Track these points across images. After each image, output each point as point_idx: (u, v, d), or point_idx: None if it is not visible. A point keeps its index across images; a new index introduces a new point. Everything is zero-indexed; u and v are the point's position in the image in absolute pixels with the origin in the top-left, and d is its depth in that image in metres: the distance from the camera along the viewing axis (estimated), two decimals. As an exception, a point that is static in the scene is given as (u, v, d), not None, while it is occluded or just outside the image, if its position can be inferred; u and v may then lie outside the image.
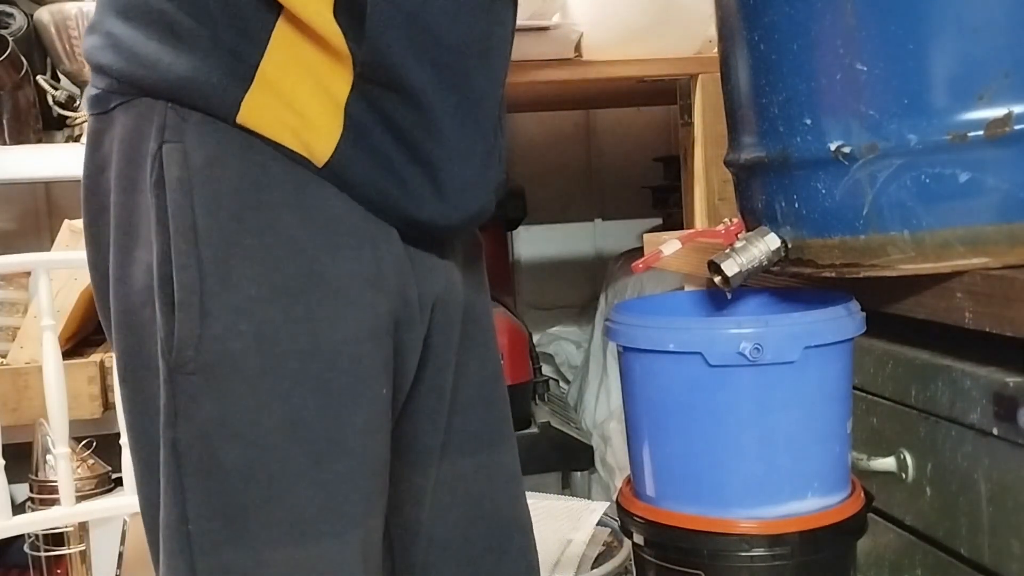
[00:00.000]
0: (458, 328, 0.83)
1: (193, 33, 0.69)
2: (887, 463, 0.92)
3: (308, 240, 0.71)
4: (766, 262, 0.91)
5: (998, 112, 0.79)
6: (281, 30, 0.70)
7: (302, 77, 0.70)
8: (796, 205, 0.88)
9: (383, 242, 0.75)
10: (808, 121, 0.85)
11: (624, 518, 0.89)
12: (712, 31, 1.00)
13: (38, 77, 1.74)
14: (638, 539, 0.88)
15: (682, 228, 1.86)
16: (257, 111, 0.70)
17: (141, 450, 0.75)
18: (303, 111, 0.71)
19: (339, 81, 0.71)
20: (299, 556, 0.71)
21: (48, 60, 1.80)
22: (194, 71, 0.69)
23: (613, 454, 2.03)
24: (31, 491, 1.59)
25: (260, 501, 0.71)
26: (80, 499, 1.26)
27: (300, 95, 0.70)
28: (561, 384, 2.52)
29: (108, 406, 1.52)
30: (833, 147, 0.84)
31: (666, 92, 1.84)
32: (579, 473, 2.13)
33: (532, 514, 0.93)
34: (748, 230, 0.94)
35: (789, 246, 0.91)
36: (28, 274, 1.60)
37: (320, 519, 0.72)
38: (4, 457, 1.18)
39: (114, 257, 0.74)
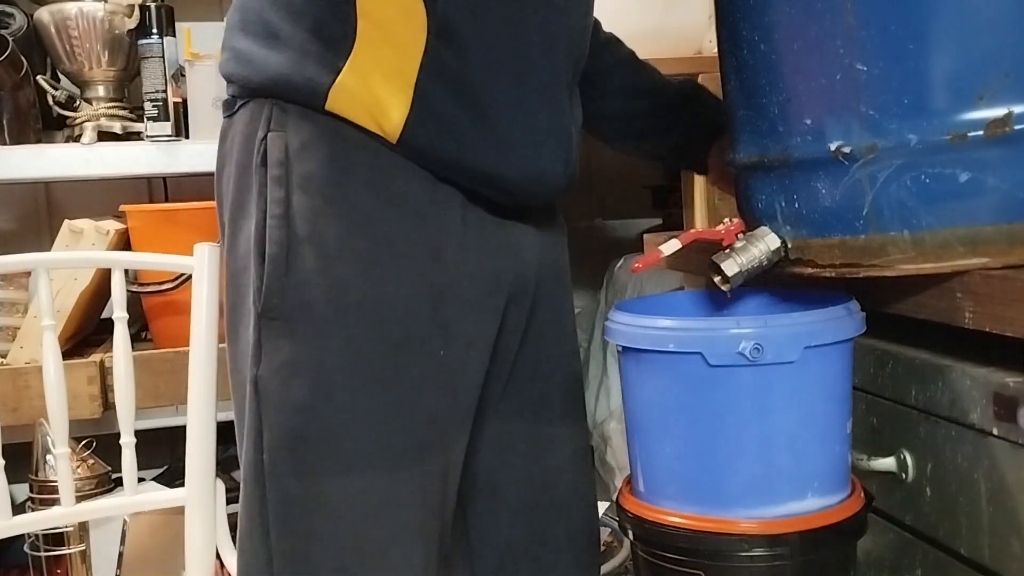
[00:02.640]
0: (529, 300, 0.92)
1: (291, 35, 0.82)
2: (887, 463, 0.92)
3: (380, 214, 0.82)
4: (766, 262, 0.91)
5: (998, 112, 0.79)
6: (363, 22, 0.80)
7: (380, 61, 0.81)
8: (796, 205, 0.88)
9: (453, 221, 0.85)
10: (808, 121, 0.85)
11: (624, 518, 0.89)
12: (712, 31, 1.00)
13: (38, 77, 1.73)
14: (637, 539, 0.88)
15: (682, 228, 1.86)
16: (341, 98, 0.82)
17: (238, 395, 0.87)
18: (377, 93, 0.81)
19: (412, 56, 0.81)
20: (355, 485, 0.81)
21: (48, 60, 1.80)
22: (291, 67, 0.82)
23: (613, 454, 2.03)
24: (31, 491, 1.59)
25: (323, 434, 0.80)
26: (80, 499, 1.26)
27: (377, 80, 0.81)
28: (561, 384, 2.51)
29: (108, 406, 1.51)
30: (833, 147, 0.84)
31: (666, 92, 1.83)
32: (579, 473, 2.13)
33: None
34: (748, 230, 0.94)
35: (789, 246, 0.90)
36: (28, 274, 1.59)
37: (376, 453, 0.81)
38: (4, 457, 1.18)
39: (227, 229, 0.88)
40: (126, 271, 1.30)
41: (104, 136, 1.71)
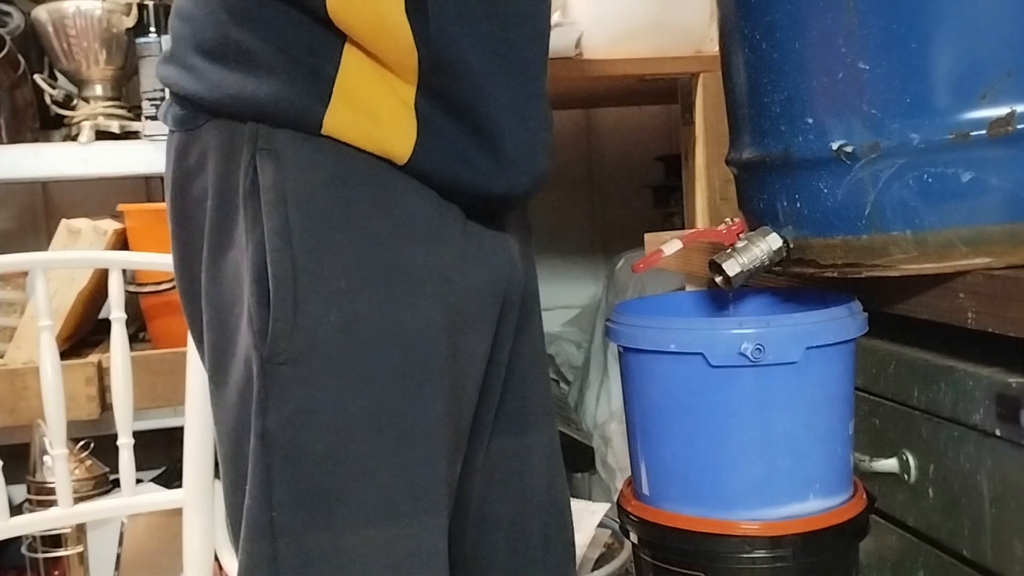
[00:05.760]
0: (518, 309, 0.87)
1: (273, 61, 0.74)
2: (889, 464, 0.92)
3: (391, 236, 0.76)
4: (768, 262, 0.90)
5: (1001, 111, 0.79)
6: (352, 45, 0.74)
7: (375, 86, 0.75)
8: (798, 204, 0.88)
9: (456, 236, 0.80)
10: (810, 120, 0.85)
11: (625, 520, 0.89)
12: (713, 29, 0.99)
13: (35, 76, 1.73)
14: (638, 541, 0.88)
15: (683, 228, 1.85)
16: (339, 123, 0.75)
17: (226, 440, 0.80)
18: (380, 118, 0.75)
19: (407, 82, 0.76)
20: (381, 538, 0.74)
21: (45, 59, 1.79)
22: (276, 96, 0.74)
23: (614, 455, 2.03)
24: (29, 492, 1.59)
25: (344, 485, 0.74)
26: (78, 500, 1.25)
27: (375, 104, 0.75)
28: (561, 385, 2.51)
29: (106, 407, 1.51)
30: (835, 146, 0.83)
31: (667, 91, 1.84)
32: (580, 475, 2.13)
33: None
34: (750, 230, 0.93)
35: (791, 246, 0.90)
36: (25, 274, 1.59)
37: (401, 502, 0.75)
38: (2, 458, 1.18)
39: (206, 259, 0.79)
40: (124, 271, 1.29)
41: (102, 135, 1.70)
